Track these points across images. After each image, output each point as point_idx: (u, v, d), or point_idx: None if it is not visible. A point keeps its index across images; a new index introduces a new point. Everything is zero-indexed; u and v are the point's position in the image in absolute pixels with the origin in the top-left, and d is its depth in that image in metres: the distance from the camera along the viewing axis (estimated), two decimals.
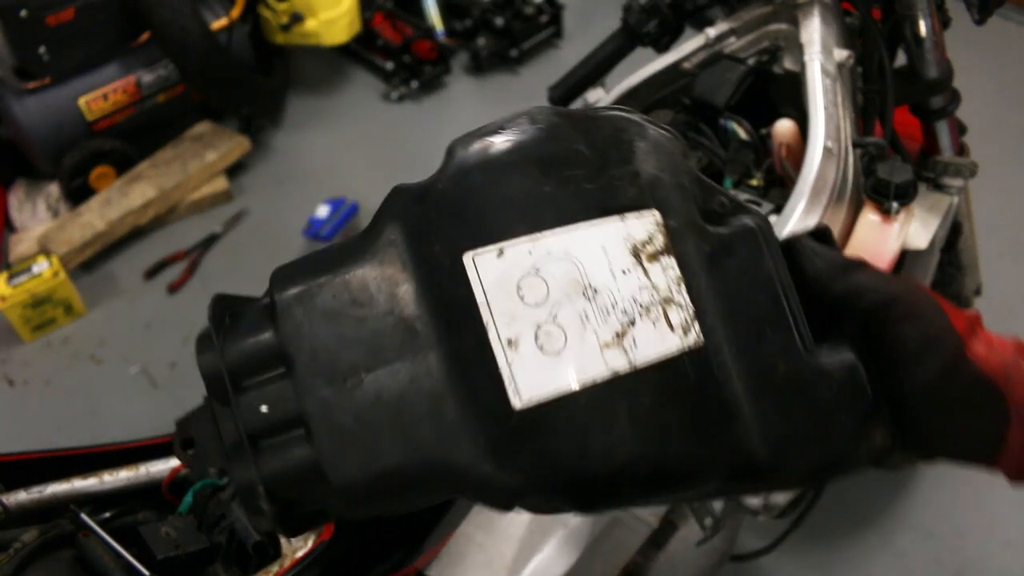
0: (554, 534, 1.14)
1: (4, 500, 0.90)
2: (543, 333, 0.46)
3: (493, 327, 0.46)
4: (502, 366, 0.46)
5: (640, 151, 0.52)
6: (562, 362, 0.45)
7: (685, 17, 1.35)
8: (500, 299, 0.47)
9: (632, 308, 0.48)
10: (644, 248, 0.49)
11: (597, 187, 0.50)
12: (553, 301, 0.47)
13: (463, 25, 3.08)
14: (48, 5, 2.37)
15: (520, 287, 0.47)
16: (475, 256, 0.47)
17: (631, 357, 0.46)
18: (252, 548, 0.92)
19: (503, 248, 0.47)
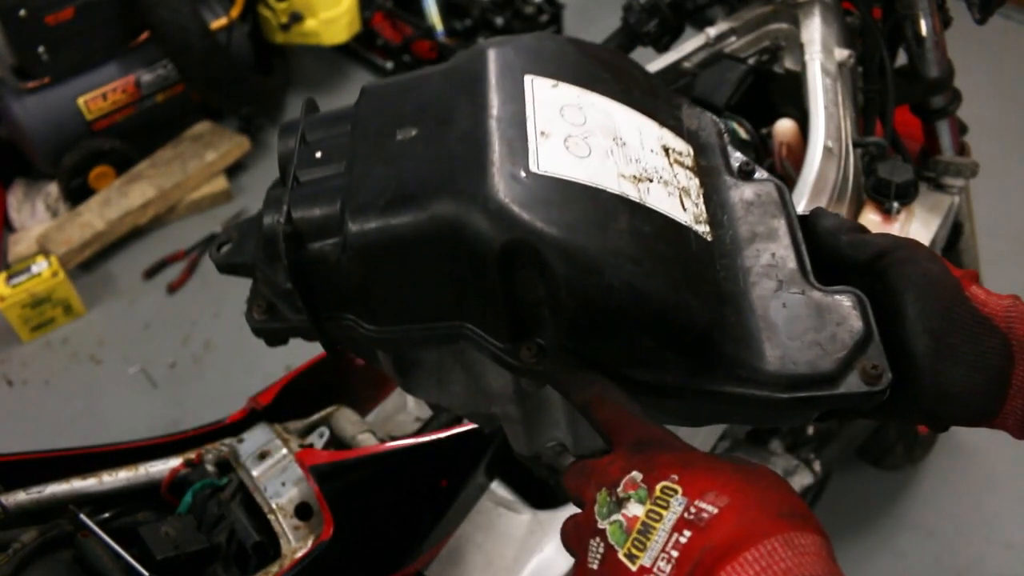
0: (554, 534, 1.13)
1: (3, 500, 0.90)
2: (572, 141, 0.53)
3: (532, 119, 0.53)
4: (530, 141, 0.51)
5: (685, 111, 0.62)
6: (582, 162, 0.52)
7: (685, 17, 1.35)
8: (544, 109, 0.54)
9: (653, 172, 0.54)
10: (674, 154, 0.57)
11: (645, 97, 0.59)
12: (587, 129, 0.54)
13: (463, 25, 3.08)
14: (47, 5, 2.37)
15: (563, 111, 0.54)
16: (534, 79, 0.56)
17: (642, 195, 0.52)
18: (252, 548, 0.92)
19: (558, 84, 0.56)
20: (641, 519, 0.43)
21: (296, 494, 0.95)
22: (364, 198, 0.51)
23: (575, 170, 0.51)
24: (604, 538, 0.44)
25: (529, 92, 0.55)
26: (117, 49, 2.55)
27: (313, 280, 0.53)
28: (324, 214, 0.53)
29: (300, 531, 0.93)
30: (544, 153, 0.51)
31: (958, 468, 1.90)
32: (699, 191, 0.57)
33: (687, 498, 0.42)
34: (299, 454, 0.98)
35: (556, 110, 0.54)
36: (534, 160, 0.51)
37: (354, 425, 1.08)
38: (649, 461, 0.45)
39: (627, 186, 0.52)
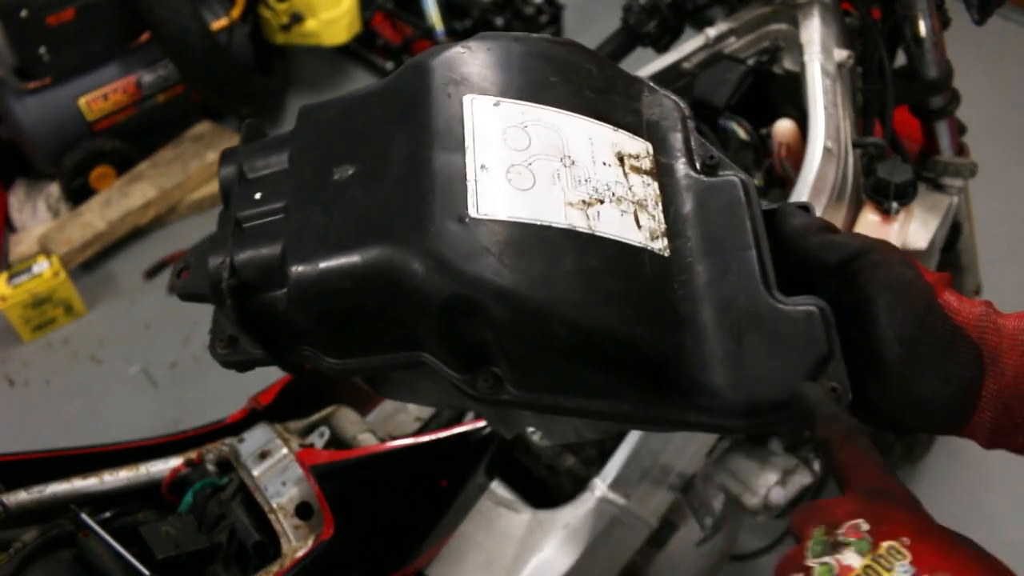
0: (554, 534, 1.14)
1: (4, 500, 0.90)
2: (515, 172, 0.50)
3: (472, 150, 0.50)
4: (469, 180, 0.49)
5: (645, 100, 0.58)
6: (525, 197, 0.49)
7: (685, 17, 1.35)
8: (485, 136, 0.51)
9: (604, 191, 0.52)
10: (630, 159, 0.54)
11: (598, 98, 0.56)
12: (531, 153, 0.51)
13: (463, 25, 3.08)
14: (48, 5, 2.37)
15: (506, 135, 0.52)
16: (474, 99, 0.53)
17: (591, 224, 0.50)
18: (252, 548, 0.93)
19: (500, 101, 0.53)
20: (856, 571, 0.39)
21: (296, 494, 0.96)
22: (304, 247, 0.50)
23: (517, 208, 0.49)
24: (808, 574, 0.41)
25: (469, 117, 0.52)
26: (118, 50, 2.56)
27: (264, 322, 0.53)
28: (266, 262, 0.52)
29: (300, 531, 0.93)
30: (484, 192, 0.49)
31: (957, 468, 1.90)
32: (657, 198, 0.54)
33: (915, 568, 0.39)
34: (299, 454, 0.98)
35: (498, 135, 0.51)
36: (473, 202, 0.49)
37: (354, 425, 1.09)
38: (880, 513, 0.41)
39: (575, 216, 0.50)
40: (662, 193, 0.54)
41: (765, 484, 1.25)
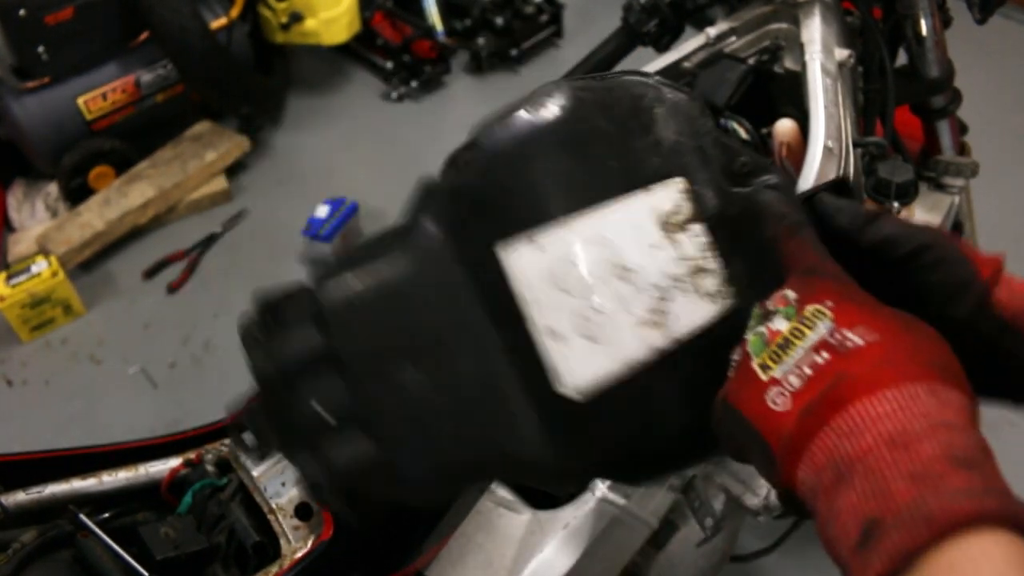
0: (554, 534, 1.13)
1: (3, 500, 0.90)
2: (581, 319, 0.47)
3: (534, 320, 0.47)
4: (546, 357, 0.46)
5: (660, 118, 0.52)
6: (603, 347, 0.46)
7: (685, 17, 1.35)
8: (538, 289, 0.47)
9: (664, 282, 0.48)
10: (671, 219, 0.50)
11: (621, 164, 0.50)
12: (588, 285, 0.47)
13: (463, 25, 3.08)
14: (47, 4, 2.37)
15: (555, 275, 0.47)
16: (509, 248, 0.48)
17: (670, 331, 0.48)
18: (251, 548, 0.92)
19: (534, 237, 0.48)
20: (783, 333, 0.43)
21: (296, 494, 0.95)
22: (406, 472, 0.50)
23: (603, 366, 0.46)
24: (744, 347, 0.45)
25: (511, 271, 0.47)
26: (117, 49, 2.55)
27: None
28: (368, 482, 0.51)
29: (300, 531, 0.93)
30: (564, 363, 0.46)
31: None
32: (706, 245, 0.50)
33: (835, 324, 0.42)
34: None
35: (548, 282, 0.47)
36: (561, 383, 0.46)
37: None
38: (808, 284, 0.45)
39: (650, 335, 0.47)
40: (709, 232, 0.50)
41: (766, 484, 1.25)
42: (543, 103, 0.51)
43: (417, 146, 2.84)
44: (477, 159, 0.51)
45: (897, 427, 0.38)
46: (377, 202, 2.60)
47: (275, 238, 2.57)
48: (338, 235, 2.44)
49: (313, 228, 2.43)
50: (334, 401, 0.50)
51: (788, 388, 0.41)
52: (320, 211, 2.47)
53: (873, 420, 0.38)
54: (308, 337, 0.51)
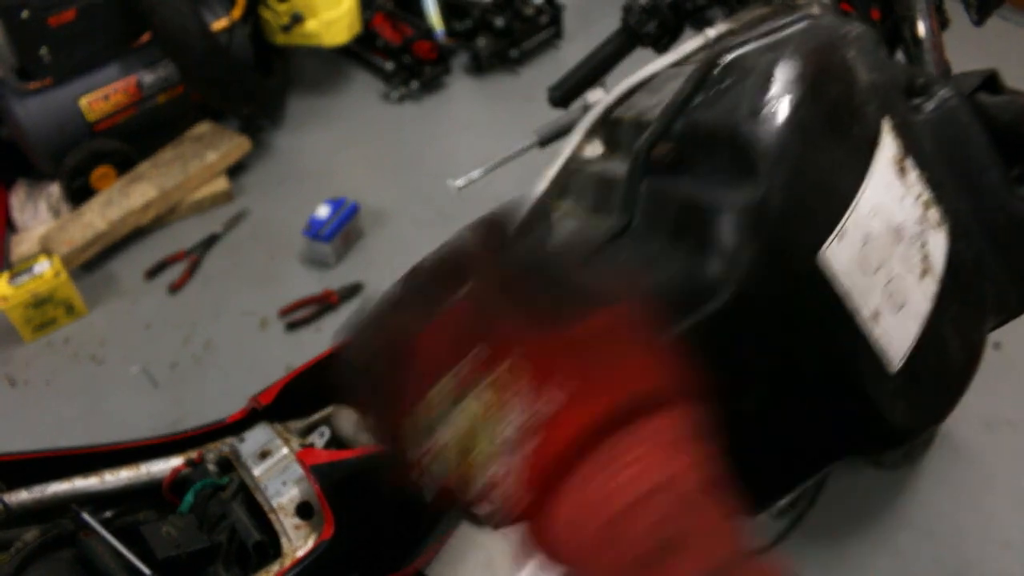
0: None
1: (5, 499, 0.90)
2: (887, 295, 0.48)
3: (860, 309, 0.48)
4: (875, 342, 0.48)
5: (853, 61, 0.52)
6: (908, 313, 0.49)
7: (685, 17, 1.35)
8: (855, 281, 0.48)
9: (920, 228, 0.50)
10: (898, 162, 0.51)
11: (857, 125, 0.50)
12: (883, 259, 0.49)
13: (463, 25, 3.08)
14: (50, 6, 2.37)
15: (862, 260, 0.48)
16: (826, 251, 0.48)
17: (935, 275, 0.50)
18: (252, 548, 0.93)
19: (841, 232, 0.49)
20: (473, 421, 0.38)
21: (297, 493, 0.96)
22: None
23: (910, 331, 0.48)
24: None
25: (832, 276, 0.48)
26: (119, 50, 2.56)
27: None
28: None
29: (301, 530, 0.94)
30: (888, 341, 0.48)
31: (956, 468, 1.90)
32: (921, 177, 0.51)
33: (524, 398, 0.37)
34: (300, 453, 0.98)
35: (859, 272, 0.48)
36: (887, 361, 0.48)
37: (354, 425, 1.09)
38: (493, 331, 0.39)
39: (928, 285, 0.49)
40: (920, 167, 0.52)
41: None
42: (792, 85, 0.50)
43: (417, 146, 2.85)
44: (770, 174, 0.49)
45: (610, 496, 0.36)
46: (377, 202, 2.61)
47: (276, 238, 2.57)
48: (338, 235, 2.44)
49: (314, 228, 2.44)
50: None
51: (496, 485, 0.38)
52: (321, 211, 2.47)
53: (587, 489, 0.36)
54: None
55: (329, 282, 2.41)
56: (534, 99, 2.15)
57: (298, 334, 2.31)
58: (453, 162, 2.66)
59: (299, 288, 2.40)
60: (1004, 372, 2.02)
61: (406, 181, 2.70)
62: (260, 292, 2.42)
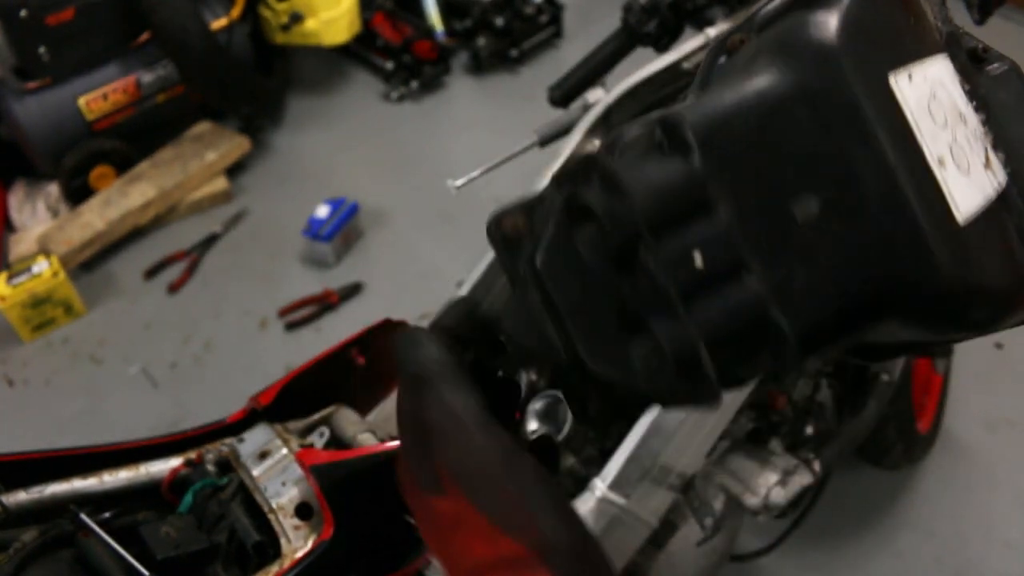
0: None
1: (4, 500, 0.90)
2: (953, 153, 0.48)
3: (924, 145, 0.47)
4: (941, 184, 0.46)
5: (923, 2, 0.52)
6: (973, 180, 0.48)
7: (685, 17, 1.35)
8: (922, 120, 0.47)
9: (984, 135, 0.52)
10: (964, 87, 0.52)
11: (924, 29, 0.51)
12: (951, 125, 0.49)
13: (463, 25, 3.08)
14: (48, 5, 2.37)
15: (930, 109, 0.48)
16: (896, 78, 0.47)
17: (998, 180, 0.50)
18: (252, 548, 0.93)
19: (911, 72, 0.48)
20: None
21: (296, 494, 0.96)
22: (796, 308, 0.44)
23: (975, 198, 0.47)
24: None
25: (904, 103, 0.47)
26: (118, 49, 2.56)
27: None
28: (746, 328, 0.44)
29: (300, 531, 0.93)
30: (954, 192, 0.46)
31: (957, 468, 1.90)
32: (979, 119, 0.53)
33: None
34: (299, 454, 0.98)
35: (927, 115, 0.47)
36: (955, 208, 0.46)
37: (354, 425, 1.09)
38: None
39: (990, 181, 0.50)
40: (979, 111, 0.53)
41: (765, 484, 1.25)
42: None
43: (417, 146, 2.85)
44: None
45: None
46: (377, 202, 2.60)
47: (275, 238, 2.57)
48: (338, 235, 2.44)
49: (313, 228, 2.44)
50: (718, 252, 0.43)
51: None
52: (320, 211, 2.47)
53: None
54: (670, 167, 0.43)
55: (329, 282, 2.41)
56: (534, 99, 2.15)
57: (298, 334, 2.31)
58: (453, 162, 2.66)
59: (299, 288, 2.40)
60: (1004, 372, 2.02)
61: (406, 181, 2.70)
62: (260, 292, 2.41)
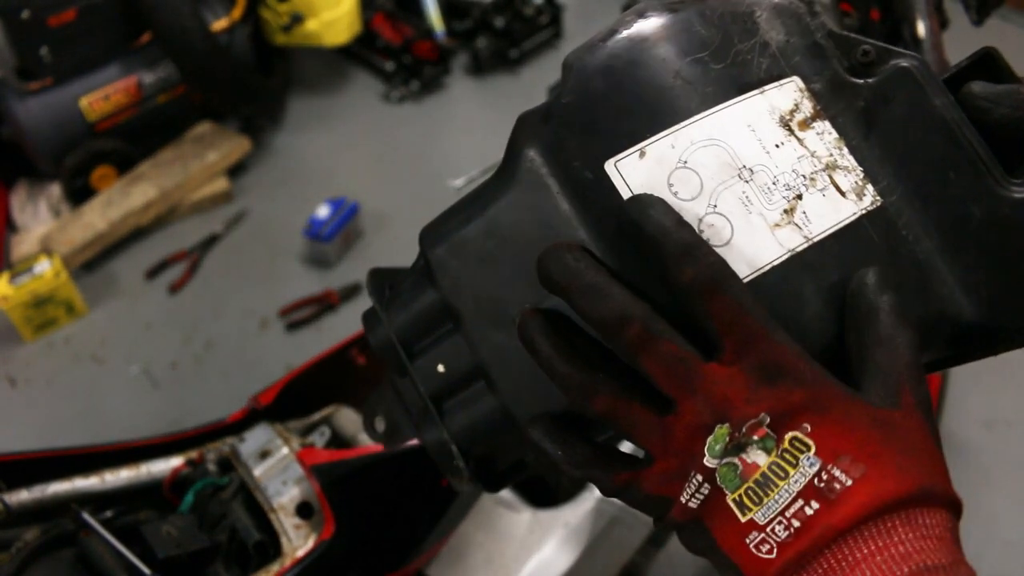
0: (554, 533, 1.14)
1: (6, 499, 0.90)
2: (706, 226, 0.43)
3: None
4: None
5: (762, 20, 0.48)
6: (732, 252, 0.43)
7: None
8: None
9: (795, 181, 0.44)
10: (793, 117, 0.46)
11: (726, 66, 0.46)
12: (709, 191, 0.44)
13: (463, 26, 3.08)
14: (50, 6, 2.38)
15: (672, 184, 0.44)
16: (616, 163, 0.45)
17: (806, 232, 0.43)
18: (253, 547, 0.93)
19: (643, 149, 0.44)
20: (762, 469, 0.38)
21: (297, 493, 0.96)
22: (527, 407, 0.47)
23: (739, 269, 0.42)
24: (710, 477, 0.39)
25: (622, 186, 0.44)
26: (119, 50, 2.56)
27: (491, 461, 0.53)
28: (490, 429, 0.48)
29: (301, 530, 0.94)
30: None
31: (956, 467, 1.89)
32: (838, 142, 0.45)
33: (820, 459, 0.37)
34: (300, 453, 0.99)
35: (665, 192, 0.44)
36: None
37: (354, 425, 1.09)
38: (779, 399, 0.38)
39: (786, 236, 0.43)
40: (838, 132, 0.46)
41: None
42: (633, 20, 0.47)
43: (417, 147, 2.85)
44: (571, 78, 0.47)
45: (876, 573, 0.36)
46: (378, 202, 2.61)
47: (276, 238, 2.57)
48: (339, 235, 2.44)
49: (314, 228, 2.44)
50: (455, 361, 0.48)
51: (773, 538, 0.38)
52: (321, 211, 2.47)
53: (853, 564, 0.37)
54: (422, 298, 0.49)
55: (329, 282, 2.41)
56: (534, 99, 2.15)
57: (298, 334, 2.31)
58: (453, 162, 2.66)
59: (299, 288, 2.41)
60: (1004, 372, 2.02)
61: (406, 181, 2.70)
62: (260, 292, 2.42)
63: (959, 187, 0.44)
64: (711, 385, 0.39)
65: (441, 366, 0.49)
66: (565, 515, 1.15)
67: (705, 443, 0.39)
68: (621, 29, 0.47)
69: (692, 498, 0.40)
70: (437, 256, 0.48)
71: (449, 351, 0.49)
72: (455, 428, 0.49)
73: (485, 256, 0.47)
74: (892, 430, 0.39)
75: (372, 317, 0.52)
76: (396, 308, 0.51)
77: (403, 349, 0.50)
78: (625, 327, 0.39)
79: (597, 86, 0.46)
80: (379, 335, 0.51)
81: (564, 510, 1.16)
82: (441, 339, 0.49)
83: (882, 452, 0.38)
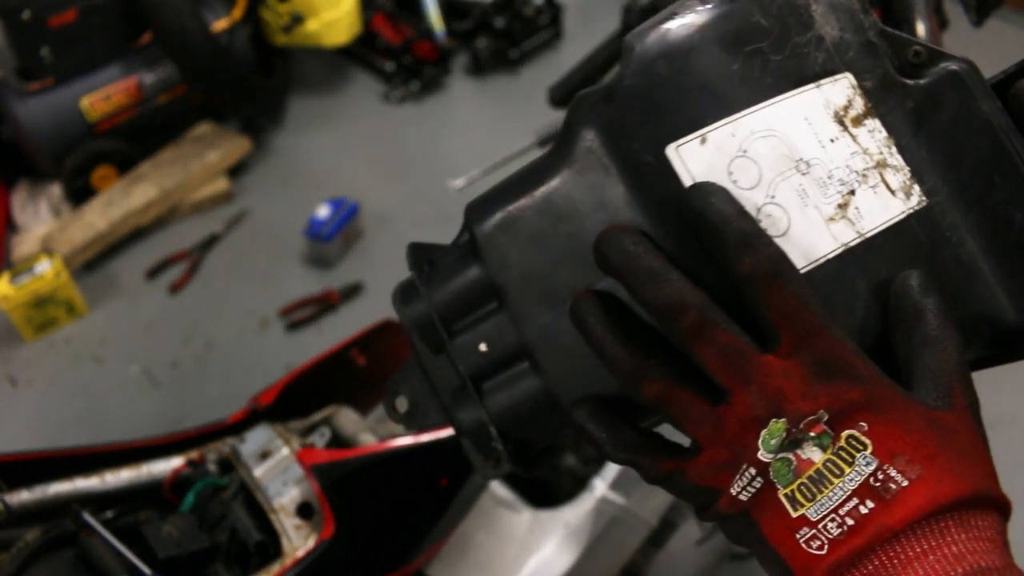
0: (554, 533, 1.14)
1: (7, 499, 0.90)
2: (764, 216, 0.43)
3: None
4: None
5: (818, 14, 0.48)
6: (789, 243, 0.43)
7: None
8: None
9: (848, 176, 0.45)
10: (846, 113, 0.46)
11: (784, 58, 0.46)
12: (767, 181, 0.44)
13: (463, 26, 3.08)
14: (50, 6, 2.38)
15: (731, 172, 0.44)
16: (678, 148, 0.44)
17: (858, 227, 0.44)
18: (253, 547, 0.93)
19: (705, 135, 0.45)
20: (816, 466, 0.38)
21: (297, 493, 0.96)
22: (573, 389, 0.46)
23: (797, 261, 0.43)
24: (763, 471, 0.39)
25: (683, 171, 0.44)
26: (120, 51, 2.56)
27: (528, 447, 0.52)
28: (532, 409, 0.48)
29: (301, 530, 0.94)
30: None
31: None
32: (887, 141, 0.46)
33: (876, 459, 0.38)
34: (300, 453, 0.99)
35: (725, 180, 0.44)
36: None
37: (354, 425, 1.09)
38: (836, 396, 0.38)
39: (840, 231, 0.44)
40: (887, 131, 0.47)
41: None
42: (693, 6, 0.47)
43: (417, 147, 2.85)
44: (632, 60, 0.47)
45: (928, 572, 0.37)
46: (378, 202, 2.61)
47: (276, 238, 2.57)
48: (339, 235, 2.45)
49: (314, 228, 2.44)
50: (499, 340, 0.48)
51: (825, 535, 0.38)
52: (321, 211, 2.48)
53: (906, 563, 0.37)
54: (466, 274, 0.48)
55: (329, 282, 2.42)
56: (534, 99, 2.16)
57: (298, 334, 2.31)
58: (453, 162, 2.66)
59: (299, 288, 2.41)
60: (1004, 372, 2.01)
61: (406, 181, 2.70)
62: (260, 292, 2.42)
63: (1004, 192, 0.45)
64: (766, 378, 0.38)
65: (484, 345, 0.48)
66: (565, 515, 1.15)
67: (757, 435, 0.39)
68: (681, 12, 0.47)
69: (744, 491, 0.39)
70: (485, 232, 0.47)
71: (492, 330, 0.48)
72: (495, 409, 0.48)
73: (536, 234, 0.47)
74: (946, 432, 0.39)
75: (406, 292, 0.51)
76: (435, 284, 0.50)
77: (443, 325, 0.49)
78: (682, 314, 0.39)
79: (659, 70, 0.46)
80: (415, 311, 0.50)
81: (564, 510, 1.16)
82: (483, 318, 0.48)
83: (938, 454, 0.38)
